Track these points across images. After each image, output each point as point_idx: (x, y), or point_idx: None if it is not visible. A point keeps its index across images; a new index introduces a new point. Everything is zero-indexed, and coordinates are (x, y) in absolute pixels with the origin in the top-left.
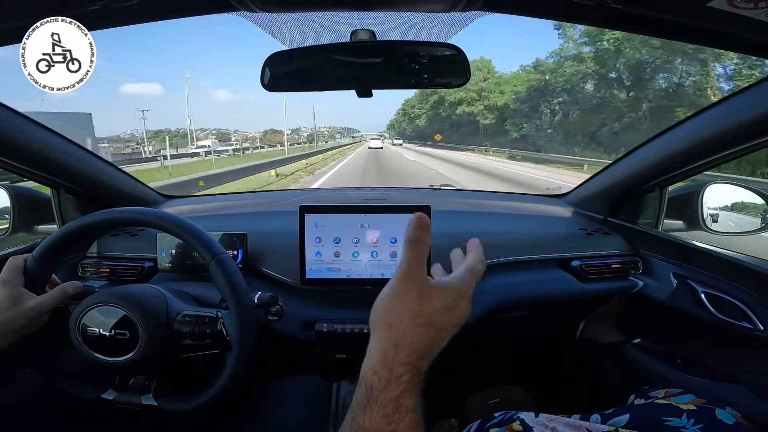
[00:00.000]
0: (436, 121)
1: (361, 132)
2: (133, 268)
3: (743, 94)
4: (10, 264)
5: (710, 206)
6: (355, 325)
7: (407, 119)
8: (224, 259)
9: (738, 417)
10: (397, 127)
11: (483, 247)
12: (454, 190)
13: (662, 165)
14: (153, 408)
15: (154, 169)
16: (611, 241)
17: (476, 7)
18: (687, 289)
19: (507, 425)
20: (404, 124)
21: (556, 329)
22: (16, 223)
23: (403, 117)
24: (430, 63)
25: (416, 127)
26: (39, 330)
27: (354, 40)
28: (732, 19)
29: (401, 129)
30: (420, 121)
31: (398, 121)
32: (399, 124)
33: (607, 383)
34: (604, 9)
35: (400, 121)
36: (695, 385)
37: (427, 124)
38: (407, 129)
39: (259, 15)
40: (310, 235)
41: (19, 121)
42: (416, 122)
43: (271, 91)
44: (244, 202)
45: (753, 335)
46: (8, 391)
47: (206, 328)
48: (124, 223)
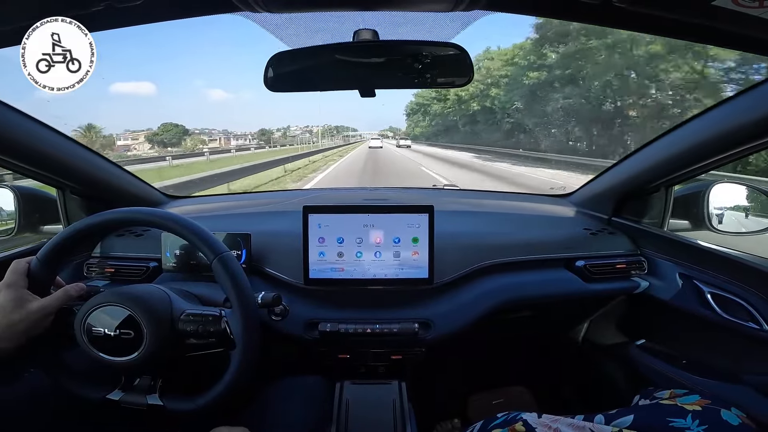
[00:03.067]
0: (456, 116)
1: (359, 131)
2: (138, 268)
3: (749, 93)
4: (13, 267)
5: (716, 206)
6: (358, 326)
7: (420, 114)
8: (227, 257)
9: (743, 418)
10: (411, 126)
11: None
12: (457, 189)
13: (668, 164)
14: (158, 408)
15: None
16: (616, 241)
17: (479, 6)
18: (692, 290)
19: (510, 425)
20: (417, 119)
21: (560, 329)
22: (21, 223)
23: (418, 110)
24: (434, 62)
25: (431, 125)
26: (44, 332)
27: (357, 40)
28: (737, 17)
29: (415, 125)
30: (431, 119)
31: (414, 111)
32: (413, 119)
33: (611, 384)
34: (608, 8)
35: (415, 111)
36: (700, 386)
37: (444, 120)
38: (421, 126)
39: (262, 15)
40: (313, 235)
41: (24, 121)
42: (429, 120)
43: (274, 91)
44: (248, 203)
45: (759, 336)
46: (14, 392)
47: (210, 327)
48: (129, 224)
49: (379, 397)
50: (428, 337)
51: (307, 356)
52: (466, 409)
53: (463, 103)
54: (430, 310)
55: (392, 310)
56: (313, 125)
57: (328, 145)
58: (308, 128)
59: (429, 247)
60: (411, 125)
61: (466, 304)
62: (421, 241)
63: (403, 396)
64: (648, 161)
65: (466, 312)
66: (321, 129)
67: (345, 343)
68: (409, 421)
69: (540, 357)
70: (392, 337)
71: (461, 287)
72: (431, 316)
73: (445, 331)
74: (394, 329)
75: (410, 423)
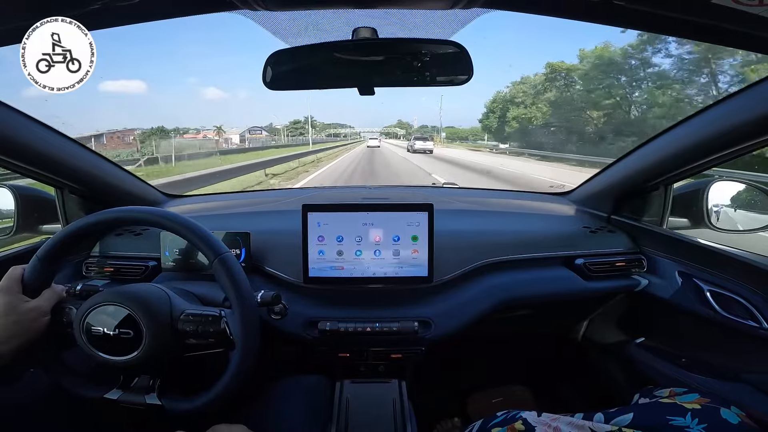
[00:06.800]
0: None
1: (356, 128)
2: (137, 268)
3: (748, 92)
4: (9, 274)
5: (716, 204)
6: (358, 324)
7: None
8: (227, 257)
9: (743, 416)
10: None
11: None
12: (456, 188)
13: (667, 162)
14: (157, 407)
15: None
16: (615, 239)
17: (478, 4)
18: (692, 288)
19: (509, 424)
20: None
21: (560, 328)
22: (20, 223)
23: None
24: (433, 60)
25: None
26: (42, 333)
27: (356, 38)
28: (737, 15)
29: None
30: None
31: (493, 109)
32: (490, 117)
33: (611, 382)
34: (608, 6)
35: (493, 110)
36: (700, 384)
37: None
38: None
39: (261, 13)
40: (312, 233)
41: (23, 120)
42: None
43: (273, 90)
44: (247, 201)
45: (758, 334)
46: (14, 392)
47: (209, 327)
48: (128, 223)
49: (379, 395)
50: (428, 335)
51: (307, 355)
52: (466, 408)
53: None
54: (429, 308)
55: (392, 309)
56: (276, 123)
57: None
58: (266, 127)
59: (428, 246)
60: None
61: (465, 302)
62: (421, 240)
63: (403, 395)
64: (647, 159)
65: (466, 310)
66: (285, 126)
67: (345, 341)
68: (409, 420)
69: (539, 356)
70: (392, 336)
71: (461, 286)
72: (431, 315)
73: (444, 329)
74: (393, 328)
75: (410, 422)
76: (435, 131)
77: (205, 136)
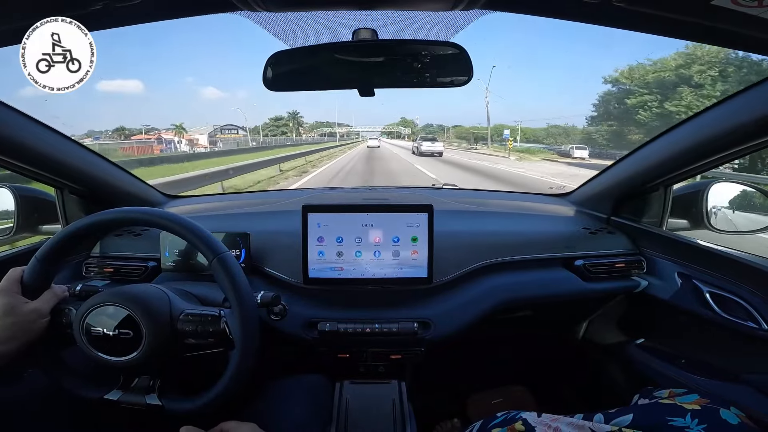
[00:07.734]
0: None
1: (355, 127)
2: (137, 268)
3: (748, 93)
4: (8, 275)
5: (715, 205)
6: (357, 325)
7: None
8: (226, 257)
9: (742, 417)
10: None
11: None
12: (456, 189)
13: (667, 164)
14: (157, 408)
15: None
16: (615, 241)
17: (478, 5)
18: (691, 289)
19: (509, 425)
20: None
21: (560, 329)
22: (20, 223)
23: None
24: (433, 62)
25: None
26: (42, 334)
27: (356, 39)
28: (736, 17)
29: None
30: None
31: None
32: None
33: (611, 383)
34: (608, 7)
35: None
36: (699, 385)
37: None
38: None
39: (261, 14)
40: (312, 234)
41: (22, 120)
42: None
43: (273, 91)
44: (247, 202)
45: (758, 335)
46: (13, 392)
47: (209, 327)
48: (127, 223)
49: (378, 396)
50: (428, 336)
51: (307, 356)
52: (466, 409)
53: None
54: (429, 309)
55: (391, 310)
56: (247, 125)
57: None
58: (237, 127)
59: (428, 247)
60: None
61: (465, 303)
62: (421, 241)
63: (402, 395)
64: (647, 160)
65: (466, 311)
66: (264, 124)
67: (344, 342)
68: (409, 421)
69: (539, 356)
70: (392, 337)
71: (460, 287)
72: (431, 316)
73: (444, 330)
74: (393, 329)
75: (410, 422)
76: (441, 130)
77: (159, 137)
